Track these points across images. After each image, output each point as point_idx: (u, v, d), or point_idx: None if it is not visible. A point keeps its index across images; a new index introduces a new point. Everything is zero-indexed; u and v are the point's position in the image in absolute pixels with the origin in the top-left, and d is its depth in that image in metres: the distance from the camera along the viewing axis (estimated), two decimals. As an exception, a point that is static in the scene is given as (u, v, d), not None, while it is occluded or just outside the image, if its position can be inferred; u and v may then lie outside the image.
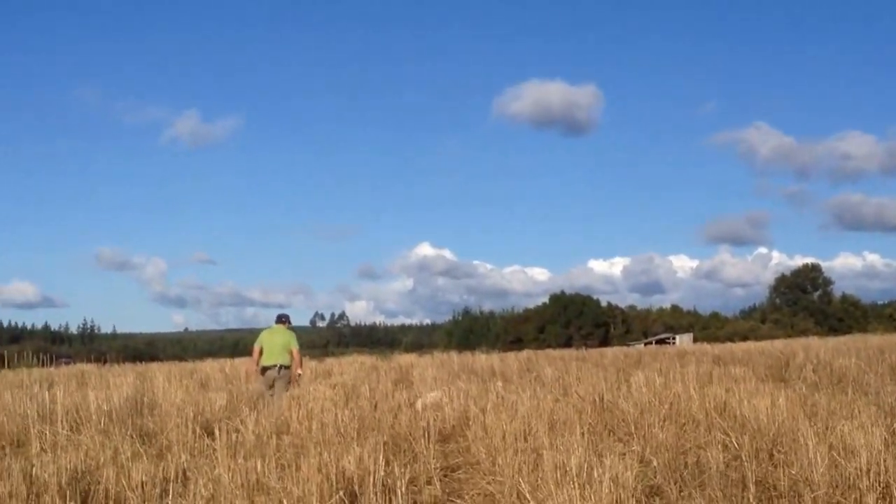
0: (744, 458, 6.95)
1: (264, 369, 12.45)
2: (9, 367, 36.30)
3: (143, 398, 11.50)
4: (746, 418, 8.10)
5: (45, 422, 9.00)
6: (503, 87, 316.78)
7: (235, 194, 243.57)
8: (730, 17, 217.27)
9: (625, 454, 7.59)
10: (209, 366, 23.44)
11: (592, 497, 5.09)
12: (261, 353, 12.57)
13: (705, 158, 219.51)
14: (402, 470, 6.29)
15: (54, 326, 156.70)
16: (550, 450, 6.75)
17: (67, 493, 5.39)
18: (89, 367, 26.84)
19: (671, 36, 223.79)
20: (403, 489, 5.40)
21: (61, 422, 9.01)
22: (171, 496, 5.19)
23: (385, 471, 6.34)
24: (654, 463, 7.14)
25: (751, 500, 5.14)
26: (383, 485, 5.78)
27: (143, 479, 5.82)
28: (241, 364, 24.49)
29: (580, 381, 13.64)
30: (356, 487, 5.81)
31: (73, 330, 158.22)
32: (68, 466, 6.09)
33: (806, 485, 6.20)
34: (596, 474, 5.57)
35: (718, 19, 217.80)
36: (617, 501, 5.03)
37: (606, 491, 5.11)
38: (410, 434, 8.63)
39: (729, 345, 35.01)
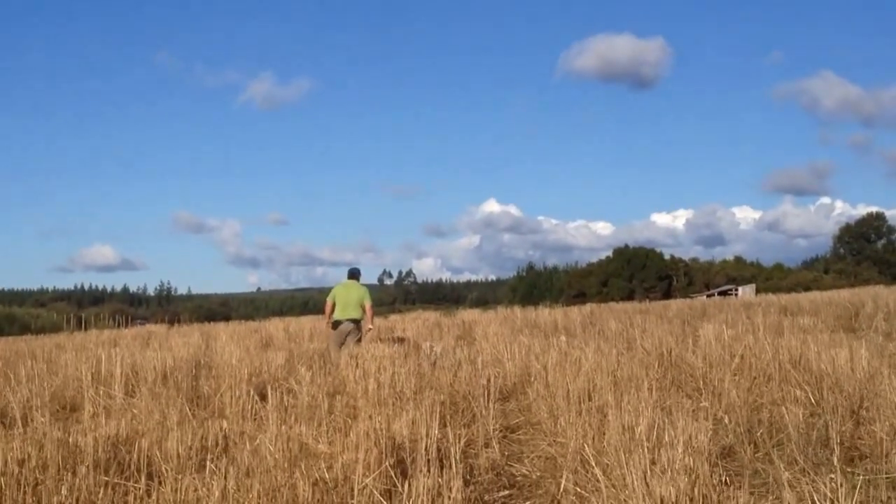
0: (824, 415, 6.53)
1: (336, 323, 12.49)
2: (85, 329, 37.25)
3: (200, 359, 11.42)
4: (824, 372, 7.61)
5: (100, 384, 8.92)
6: (570, 41, 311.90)
7: (308, 155, 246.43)
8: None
9: (696, 413, 7.21)
10: (273, 325, 23.44)
11: (664, 465, 4.72)
12: (333, 308, 12.62)
13: (770, 109, 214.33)
14: (459, 432, 6.02)
15: (133, 289, 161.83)
16: (616, 409, 6.40)
17: (103, 462, 5.20)
18: (158, 328, 27.10)
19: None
20: (458, 454, 5.08)
21: (117, 385, 8.92)
22: (207, 469, 4.94)
23: (440, 433, 6.07)
24: (726, 420, 6.74)
25: (835, 462, 4.72)
26: (438, 450, 5.48)
27: (180, 449, 5.61)
28: (306, 322, 24.59)
29: (644, 334, 13.21)
30: (407, 454, 5.51)
31: (151, 292, 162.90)
32: (110, 434, 5.96)
33: (894, 444, 5.76)
34: (667, 437, 5.20)
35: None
36: (689, 469, 4.65)
37: (679, 458, 4.73)
38: (470, 393, 8.35)
39: (794, 295, 33.98)
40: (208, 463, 5.04)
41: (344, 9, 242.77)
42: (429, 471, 4.71)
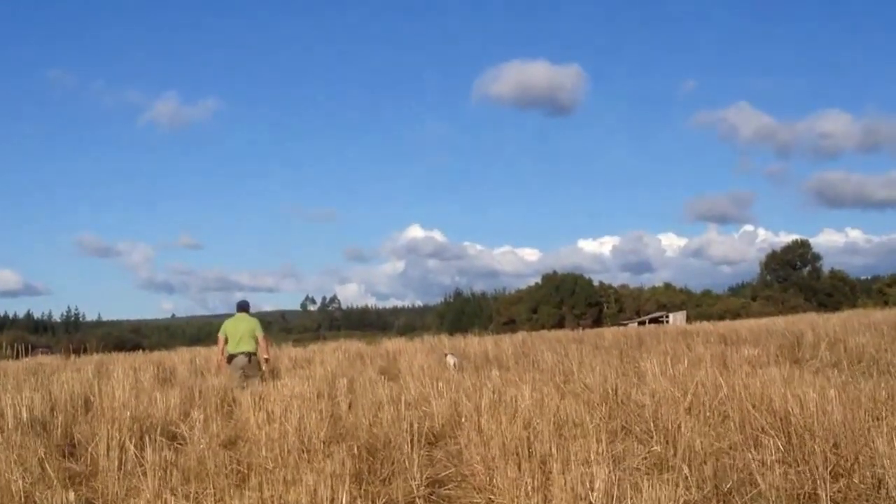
0: (799, 467, 5.62)
1: (231, 357, 12.51)
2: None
3: (88, 397, 10.10)
4: (789, 413, 6.71)
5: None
6: (483, 67, 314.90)
7: (218, 178, 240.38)
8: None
9: (650, 463, 6.26)
10: (179, 356, 21.82)
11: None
12: (226, 342, 12.61)
13: (688, 138, 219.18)
14: (377, 490, 4.93)
15: (37, 315, 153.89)
16: (561, 462, 5.39)
17: None
18: (51, 359, 25.03)
19: (652, 15, 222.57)
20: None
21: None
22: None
23: (352, 494, 4.97)
24: (686, 471, 5.77)
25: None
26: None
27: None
28: (211, 353, 22.99)
29: (582, 367, 12.30)
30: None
31: (57, 318, 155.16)
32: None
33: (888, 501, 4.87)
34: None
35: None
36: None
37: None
38: (392, 439, 7.26)
39: (730, 323, 33.71)
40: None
41: (251, 28, 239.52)
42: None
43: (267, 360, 12.83)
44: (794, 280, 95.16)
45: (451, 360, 15.73)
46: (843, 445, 5.92)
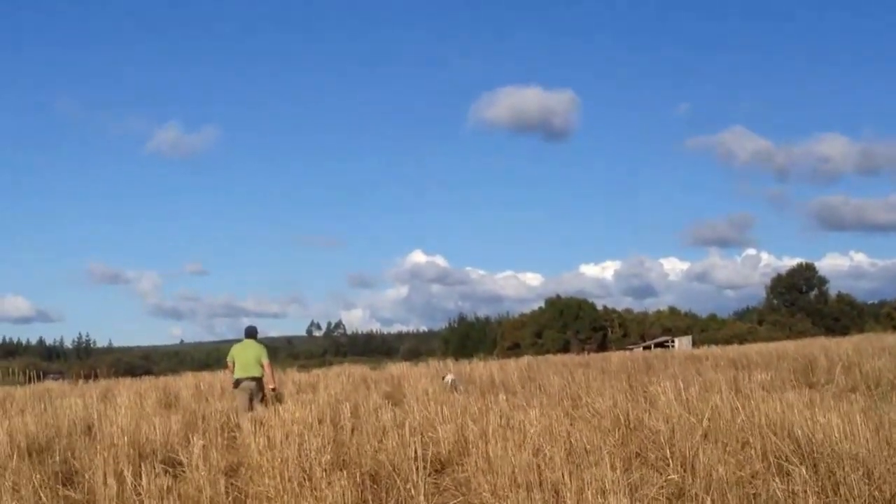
0: (826, 496, 5.35)
1: (237, 381, 12.53)
2: (-6, 384, 34.49)
3: (91, 423, 9.86)
4: (814, 440, 6.43)
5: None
6: (479, 92, 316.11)
7: (222, 204, 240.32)
8: (703, 22, 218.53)
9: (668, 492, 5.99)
10: (183, 381, 21.56)
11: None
12: (234, 366, 12.67)
13: (686, 161, 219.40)
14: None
15: (49, 341, 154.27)
16: (575, 492, 5.14)
17: None
18: (58, 385, 24.86)
19: (645, 41, 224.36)
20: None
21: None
22: None
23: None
24: (708, 502, 5.51)
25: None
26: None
27: None
28: (224, 377, 22.72)
29: (590, 390, 12.04)
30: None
31: (69, 345, 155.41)
32: None
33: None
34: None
35: (692, 24, 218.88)
36: None
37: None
38: (397, 466, 7.01)
39: (738, 347, 33.36)
40: None
41: (254, 55, 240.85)
42: None
43: (274, 390, 12.93)
44: (801, 304, 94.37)
45: (448, 378, 16.05)
46: (878, 475, 5.65)
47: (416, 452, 7.03)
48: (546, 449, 6.87)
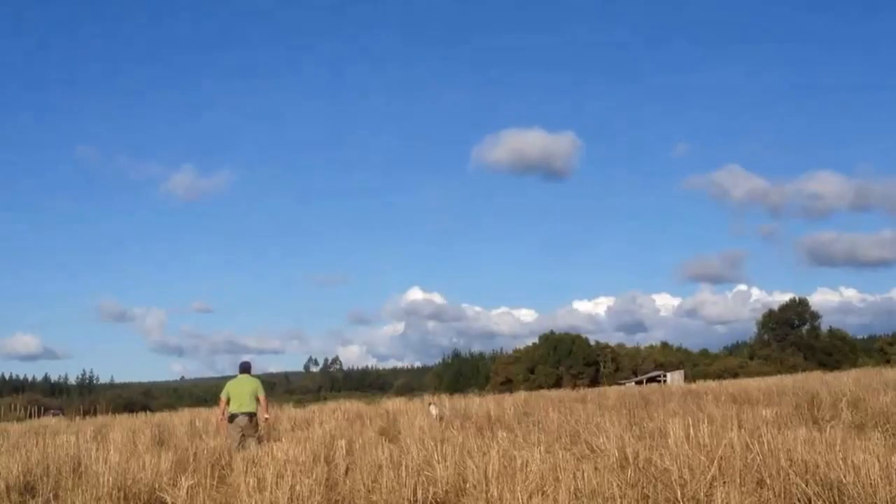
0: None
1: (232, 417, 12.60)
2: (-2, 419, 34.12)
3: (80, 460, 9.49)
4: (839, 482, 6.11)
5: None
6: (481, 135, 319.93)
7: (231, 244, 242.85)
8: (698, 63, 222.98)
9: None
10: (178, 417, 21.16)
11: None
12: (227, 402, 12.74)
13: (680, 199, 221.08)
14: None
15: (54, 378, 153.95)
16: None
17: None
18: (55, 421, 24.61)
19: (643, 83, 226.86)
20: None
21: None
22: None
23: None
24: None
25: None
26: None
27: None
28: (212, 413, 22.35)
29: (590, 427, 11.70)
30: None
31: (72, 381, 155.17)
32: None
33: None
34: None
35: (687, 64, 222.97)
36: None
37: None
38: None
39: (735, 381, 33.03)
40: None
41: (261, 103, 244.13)
42: None
43: (267, 420, 13.10)
44: (793, 339, 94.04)
45: (433, 410, 16.38)
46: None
47: (413, 493, 6.70)
48: (550, 491, 6.55)
